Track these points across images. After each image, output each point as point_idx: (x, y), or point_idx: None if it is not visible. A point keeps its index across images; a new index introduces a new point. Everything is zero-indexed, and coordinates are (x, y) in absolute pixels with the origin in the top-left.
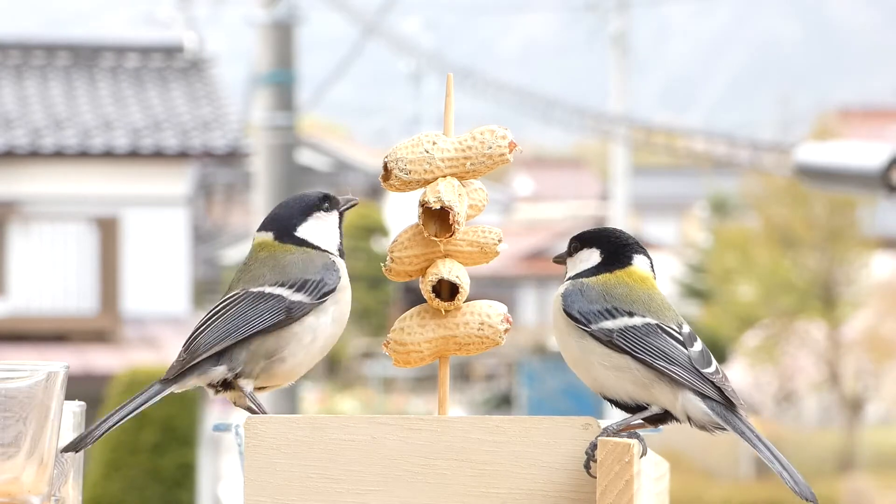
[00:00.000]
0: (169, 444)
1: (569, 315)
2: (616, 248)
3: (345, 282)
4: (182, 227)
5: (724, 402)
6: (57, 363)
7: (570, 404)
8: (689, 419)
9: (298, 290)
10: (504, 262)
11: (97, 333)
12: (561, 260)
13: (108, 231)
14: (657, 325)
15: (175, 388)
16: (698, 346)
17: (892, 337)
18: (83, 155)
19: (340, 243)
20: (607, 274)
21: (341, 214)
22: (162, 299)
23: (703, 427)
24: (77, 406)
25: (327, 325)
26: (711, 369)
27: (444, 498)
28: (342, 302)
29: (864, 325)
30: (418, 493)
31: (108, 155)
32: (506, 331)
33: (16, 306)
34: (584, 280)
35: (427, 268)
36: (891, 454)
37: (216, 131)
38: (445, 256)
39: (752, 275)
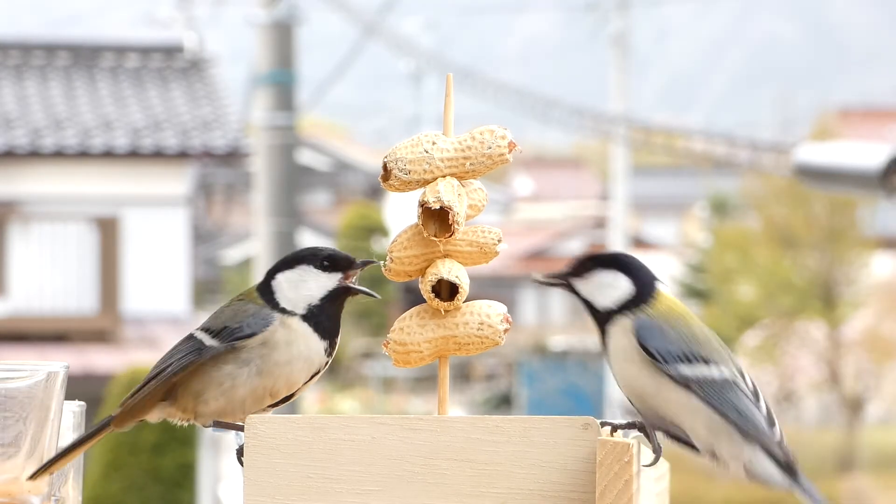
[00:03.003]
0: (169, 444)
1: (645, 350)
2: (638, 269)
3: (277, 338)
4: (182, 227)
5: (787, 466)
6: (57, 363)
7: (570, 404)
8: (749, 473)
9: (215, 336)
10: (504, 262)
11: (97, 333)
12: (560, 282)
13: (108, 231)
14: (733, 381)
15: (130, 423)
16: (763, 403)
17: (892, 337)
18: (83, 155)
19: (321, 305)
20: (658, 305)
21: (346, 290)
22: (162, 299)
23: (762, 483)
24: (77, 406)
25: (250, 375)
26: (777, 432)
27: (444, 498)
28: (272, 360)
29: (864, 325)
30: (418, 493)
31: (108, 155)
32: (506, 331)
33: (16, 306)
34: (650, 313)
35: (427, 268)
36: (891, 454)
37: (216, 131)
38: (445, 256)
39: (752, 275)
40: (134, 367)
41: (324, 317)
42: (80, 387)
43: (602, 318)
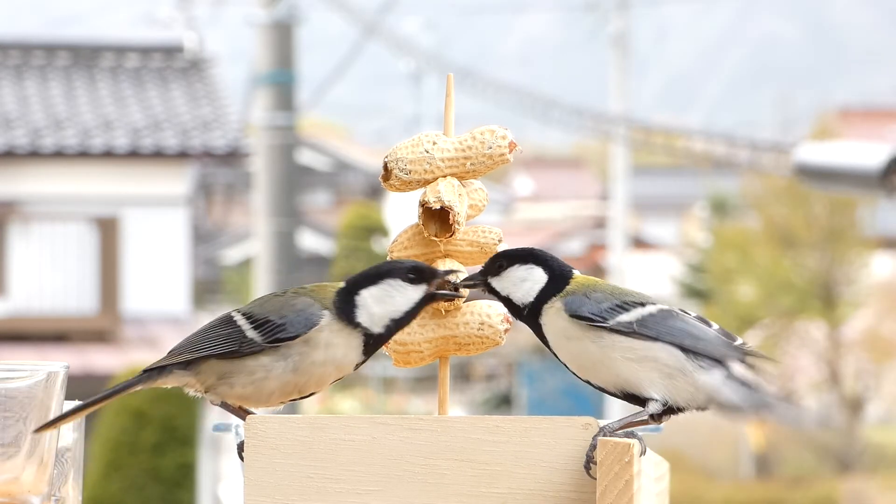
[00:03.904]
0: (169, 444)
1: (580, 317)
2: (551, 260)
3: (319, 338)
4: (182, 227)
5: (750, 387)
6: (57, 363)
7: (570, 404)
8: (715, 405)
9: (257, 328)
10: None
11: (97, 333)
12: (478, 281)
13: (108, 231)
14: (672, 311)
15: (146, 385)
16: (714, 325)
17: (892, 337)
18: (83, 155)
19: (402, 318)
20: (575, 283)
21: (432, 297)
22: (162, 299)
23: (730, 411)
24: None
25: (285, 370)
26: (739, 341)
27: (444, 498)
28: (310, 359)
29: (864, 325)
30: (418, 493)
31: (108, 155)
32: (506, 331)
33: (16, 306)
34: (570, 290)
35: None
36: (891, 454)
37: (216, 131)
38: (445, 256)
39: (752, 275)
40: (134, 367)
41: (391, 331)
42: (80, 387)
43: (529, 314)
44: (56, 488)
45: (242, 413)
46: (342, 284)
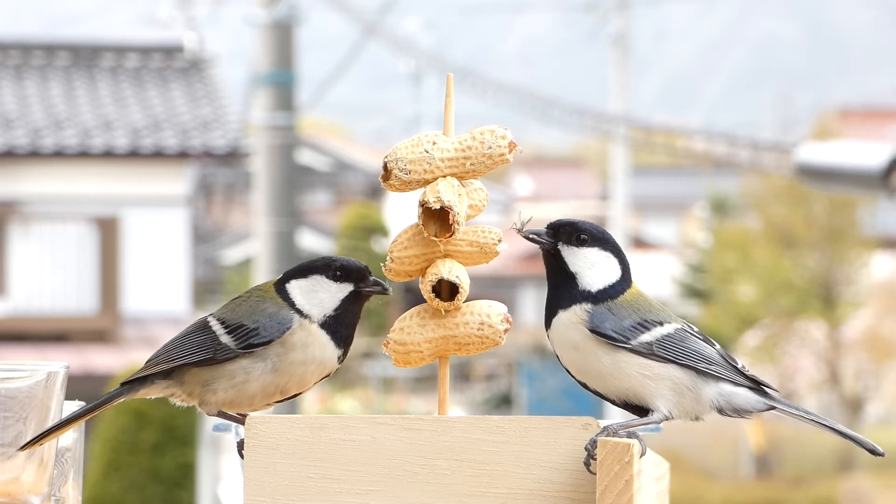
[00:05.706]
0: (169, 444)
1: (600, 334)
2: (624, 257)
3: (295, 339)
4: (182, 227)
5: (759, 390)
6: (57, 363)
7: (570, 404)
8: (730, 410)
9: (230, 333)
10: (504, 262)
11: (97, 333)
12: (546, 242)
13: (108, 231)
14: (684, 329)
15: (129, 396)
16: (717, 346)
17: (892, 337)
18: (83, 155)
19: (335, 315)
20: (631, 289)
21: (356, 294)
22: (162, 299)
23: (744, 413)
24: (77, 406)
25: (264, 372)
26: (740, 364)
27: (444, 498)
28: (288, 359)
29: (864, 325)
30: (418, 493)
31: (108, 155)
32: (506, 331)
33: (16, 306)
34: (612, 299)
35: (427, 268)
36: (891, 454)
37: (216, 131)
38: (445, 256)
39: (752, 275)
40: (134, 366)
41: (340, 326)
42: (80, 387)
43: (564, 300)
44: (56, 488)
45: (242, 419)
46: (279, 277)
